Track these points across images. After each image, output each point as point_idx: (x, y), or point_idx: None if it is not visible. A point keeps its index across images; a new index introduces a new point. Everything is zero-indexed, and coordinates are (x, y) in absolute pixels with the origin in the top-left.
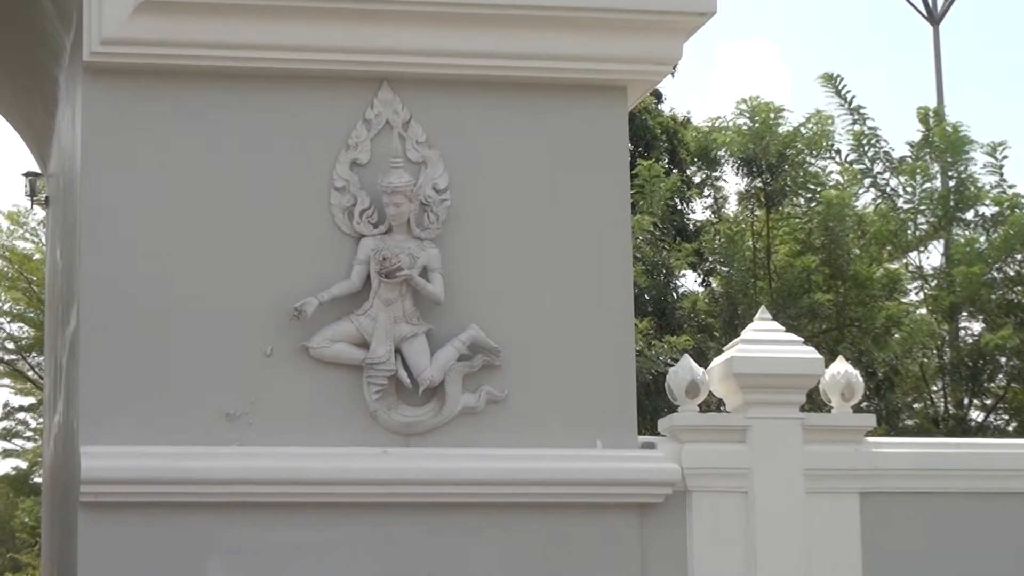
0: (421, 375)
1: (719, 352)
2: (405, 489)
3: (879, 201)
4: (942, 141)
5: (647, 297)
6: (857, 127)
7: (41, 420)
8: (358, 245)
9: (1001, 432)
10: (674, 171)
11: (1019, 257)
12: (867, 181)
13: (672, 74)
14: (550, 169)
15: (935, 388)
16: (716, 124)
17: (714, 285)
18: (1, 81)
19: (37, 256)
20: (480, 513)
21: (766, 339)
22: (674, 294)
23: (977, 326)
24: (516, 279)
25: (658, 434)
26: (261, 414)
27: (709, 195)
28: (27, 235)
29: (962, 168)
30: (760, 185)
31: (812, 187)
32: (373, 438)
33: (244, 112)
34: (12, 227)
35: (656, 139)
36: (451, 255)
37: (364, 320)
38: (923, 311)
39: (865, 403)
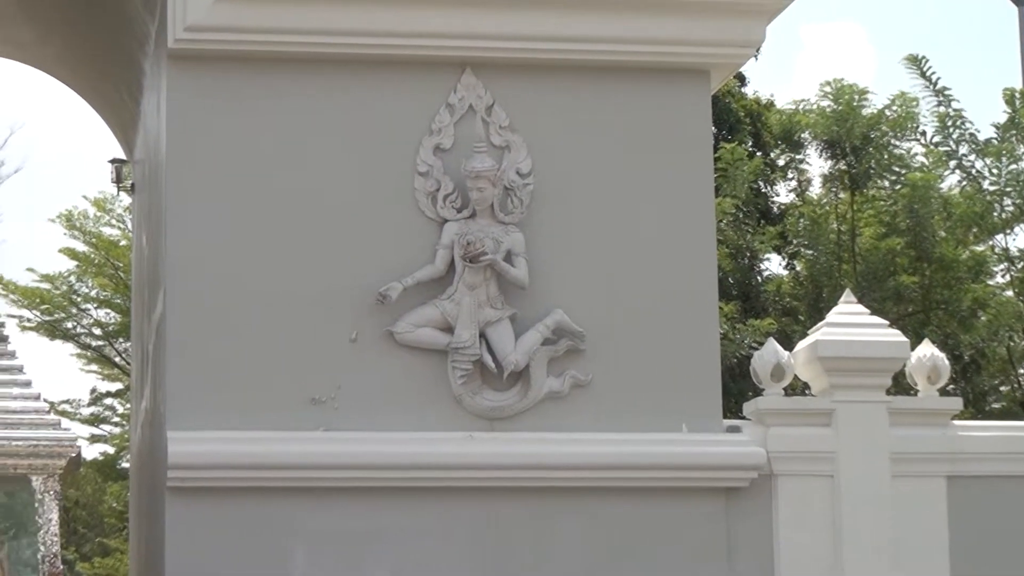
0: (506, 359)
1: (804, 335)
2: (490, 474)
3: (964, 183)
4: None
5: (731, 280)
6: (942, 109)
7: (128, 406)
8: (442, 230)
9: None
10: (758, 154)
11: None
12: (952, 163)
13: (755, 57)
14: (633, 153)
15: (1022, 371)
16: (800, 107)
17: (798, 268)
18: (87, 69)
19: (123, 242)
20: (565, 498)
21: (851, 322)
22: (758, 277)
23: None
24: (600, 263)
25: (743, 418)
26: (346, 399)
27: (793, 178)
28: (113, 221)
29: None
30: (844, 167)
31: (897, 169)
32: (458, 423)
33: (328, 98)
34: (98, 214)
35: (740, 122)
36: (535, 239)
37: (448, 305)
38: (1009, 293)
39: (951, 386)
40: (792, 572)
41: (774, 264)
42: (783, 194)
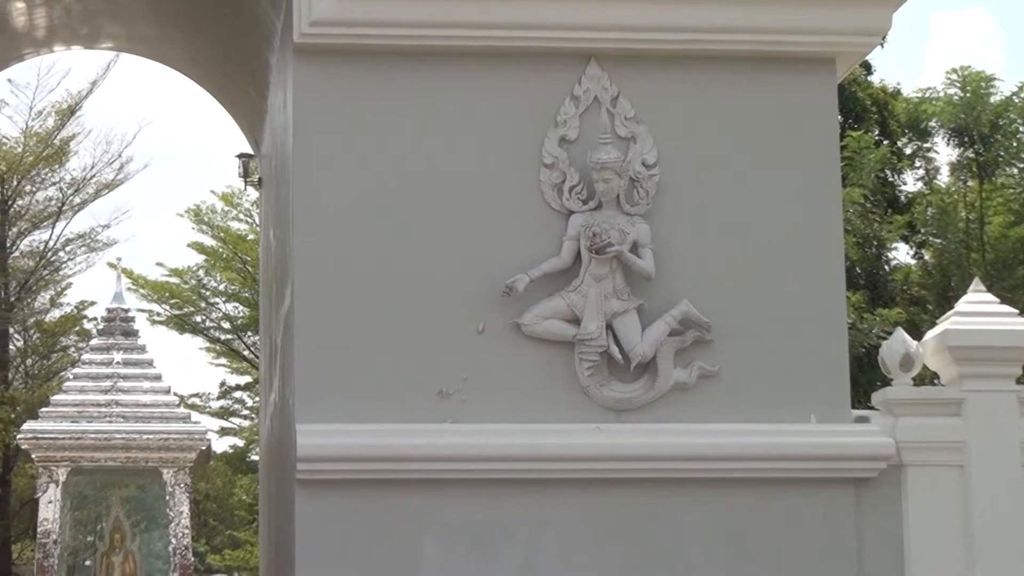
0: (633, 351)
1: (932, 325)
2: (618, 465)
3: None
4: None
5: (858, 270)
6: None
7: (257, 399)
8: (568, 221)
9: None
10: (884, 143)
11: None
12: None
13: (881, 45)
14: (759, 143)
15: None
16: (926, 95)
17: (926, 257)
18: (214, 65)
19: (251, 236)
20: (693, 489)
21: (980, 311)
22: (886, 267)
23: None
24: (726, 253)
25: (872, 408)
26: (474, 391)
27: (920, 166)
28: (241, 216)
29: None
30: (972, 156)
31: None
32: (585, 414)
33: (453, 91)
34: (226, 208)
35: (866, 111)
36: (661, 230)
37: (575, 296)
38: None
39: None
40: (922, 562)
41: (902, 253)
42: (910, 183)
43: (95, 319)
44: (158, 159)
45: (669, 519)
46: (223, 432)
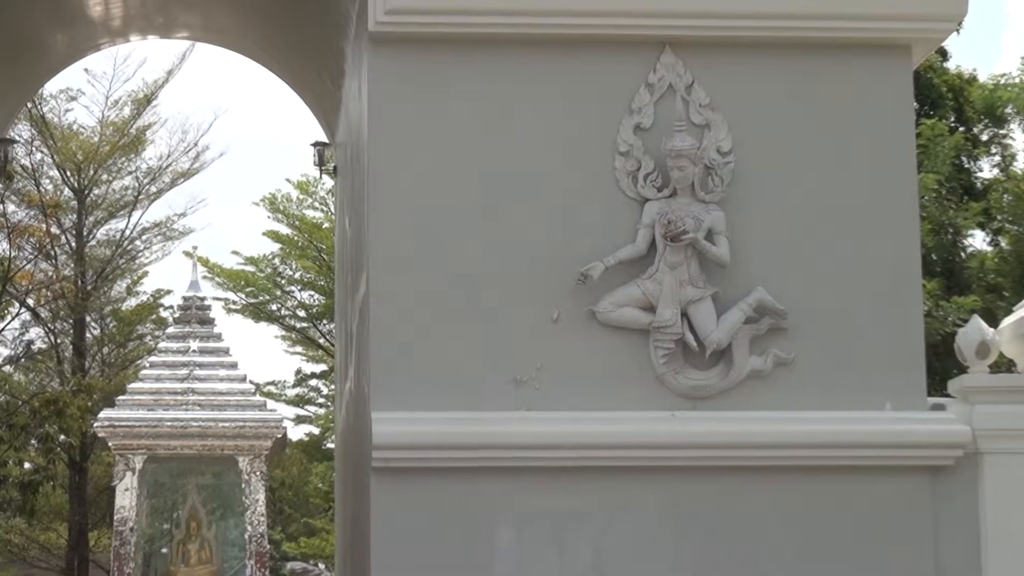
0: (708, 338)
1: (1009, 312)
2: (693, 453)
3: None
4: None
5: (934, 257)
6: None
7: (333, 386)
8: (643, 209)
9: None
10: (960, 129)
11: None
12: None
13: (957, 31)
14: (834, 129)
15: None
16: (1002, 81)
17: (1003, 244)
18: (289, 53)
19: (326, 225)
20: (768, 476)
21: None
22: (962, 254)
23: None
24: (802, 240)
25: (948, 396)
26: (548, 379)
27: (996, 153)
28: (316, 204)
29: None
30: None
31: None
32: (660, 402)
33: (527, 78)
34: (301, 197)
35: (941, 97)
36: (736, 217)
37: (650, 284)
38: None
39: None
40: (999, 550)
41: (978, 240)
42: (986, 169)
43: (171, 307)
44: (234, 148)
45: (744, 507)
46: (299, 420)
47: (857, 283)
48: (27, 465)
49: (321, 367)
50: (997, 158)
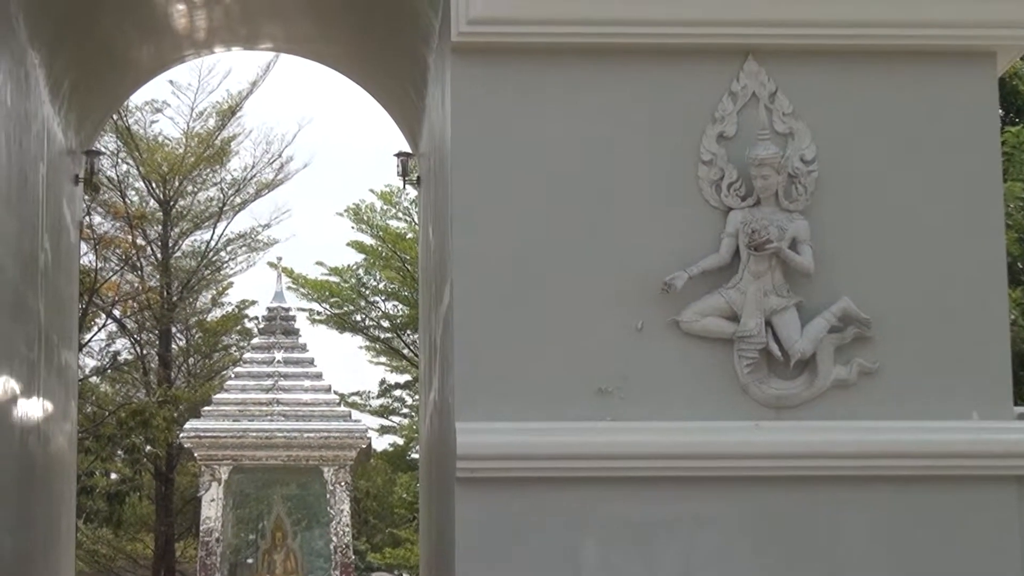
0: (792, 348)
1: None
2: (778, 463)
3: None
4: None
5: (1020, 266)
6: None
7: (417, 397)
8: (726, 218)
9: None
10: None
11: None
12: None
13: None
14: (918, 137)
15: None
16: None
17: None
18: (372, 64)
19: (410, 235)
20: (854, 486)
21: None
22: None
23: None
24: (886, 249)
25: None
26: (633, 389)
27: None
28: (400, 214)
29: None
30: None
31: None
32: (744, 411)
33: (610, 88)
34: (385, 207)
35: None
36: (820, 226)
37: (734, 293)
38: None
39: None
40: None
41: None
42: None
43: (256, 318)
44: (318, 158)
45: (829, 517)
46: (383, 430)
47: (942, 292)
48: (114, 476)
49: (405, 377)
50: None
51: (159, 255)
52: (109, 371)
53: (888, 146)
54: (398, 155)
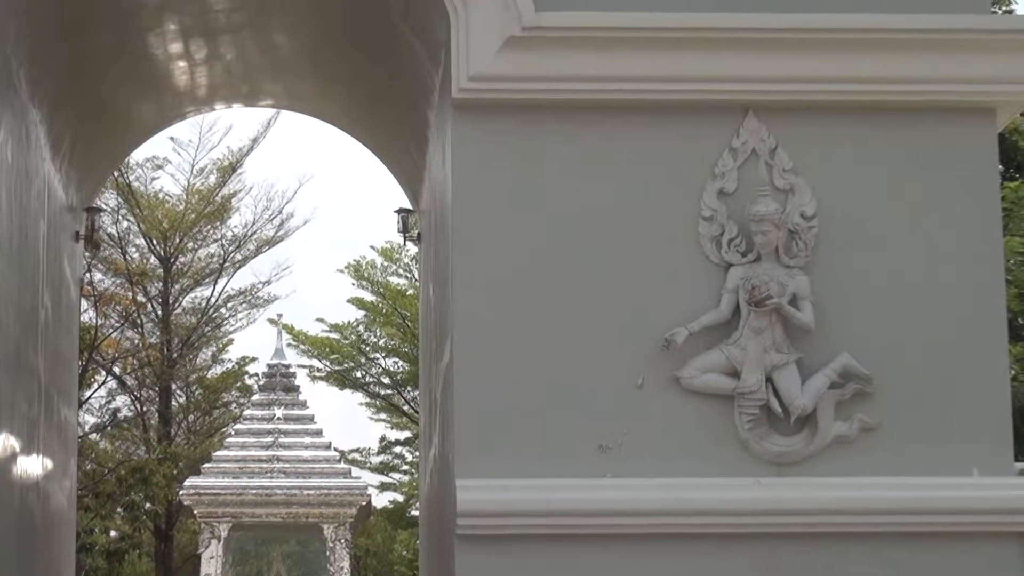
0: (793, 404)
1: None
2: (779, 519)
3: None
4: None
5: (1020, 321)
6: None
7: (417, 454)
8: (727, 274)
9: None
10: None
11: None
12: None
13: None
14: (918, 193)
15: None
16: None
17: None
18: (372, 120)
19: (411, 291)
20: (854, 543)
21: None
22: None
23: None
24: (886, 305)
25: None
26: (633, 445)
27: None
28: (400, 271)
29: None
30: None
31: None
32: (745, 468)
33: (612, 144)
34: (386, 263)
35: None
36: (820, 282)
37: (734, 349)
38: None
39: None
40: None
41: None
42: None
43: (256, 375)
44: (318, 215)
45: (831, 573)
46: (383, 487)
47: (942, 347)
48: (113, 533)
49: (405, 434)
50: None
51: (159, 312)
52: (109, 428)
53: (888, 202)
54: (399, 211)
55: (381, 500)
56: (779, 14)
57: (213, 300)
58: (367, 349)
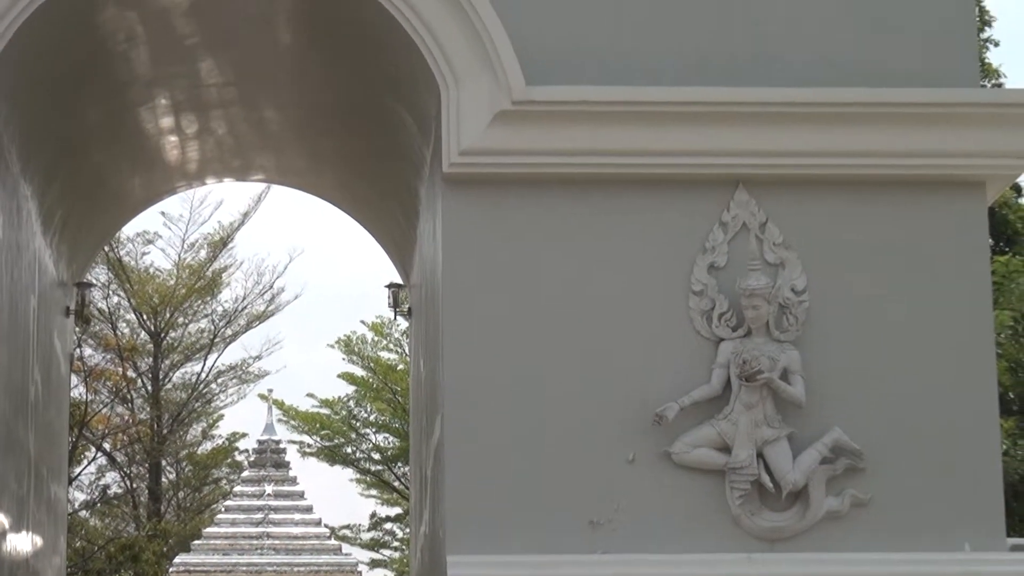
0: (784, 479)
1: None
2: None
3: None
4: None
5: (1011, 395)
6: None
7: (408, 530)
8: (717, 348)
9: None
10: None
11: None
12: None
13: None
14: (908, 266)
15: None
16: None
17: None
18: (365, 195)
19: (401, 367)
20: None
21: None
22: None
23: None
24: (877, 379)
25: None
26: (625, 521)
27: None
28: (391, 346)
29: None
30: None
31: None
32: (737, 544)
33: (602, 218)
34: (376, 338)
35: (1017, 233)
36: (811, 356)
37: (725, 424)
38: None
39: None
40: None
41: None
42: None
43: (246, 451)
44: (309, 289)
45: None
46: (374, 564)
47: (934, 422)
48: None
49: (396, 510)
50: None
51: (150, 387)
52: (99, 505)
53: (878, 275)
54: (389, 286)
55: None
56: (768, 88)
57: (203, 375)
58: (358, 424)
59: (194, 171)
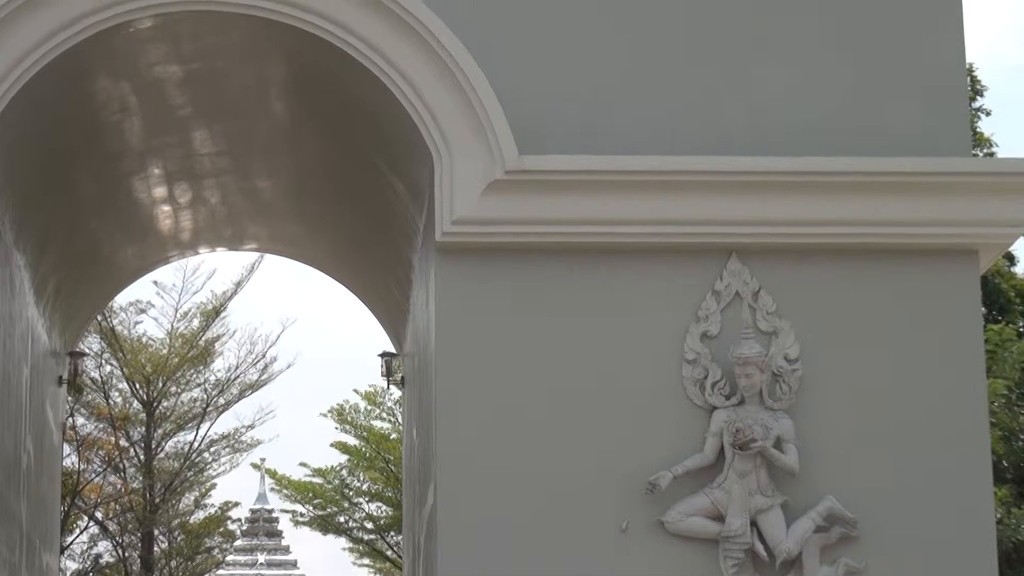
0: (778, 548)
1: None
2: None
3: None
4: None
5: (1005, 464)
6: None
7: None
8: (711, 417)
9: None
10: None
11: None
12: None
13: None
14: (901, 336)
15: None
16: None
17: None
18: (358, 264)
19: (394, 436)
20: None
21: None
22: None
23: None
24: (871, 447)
25: None
26: None
27: None
28: (384, 415)
29: None
30: None
31: None
32: None
33: (595, 287)
34: (369, 407)
35: (1010, 302)
36: (804, 425)
37: (719, 493)
38: None
39: None
40: None
41: None
42: None
43: (239, 520)
44: (301, 358)
45: None
46: None
47: (927, 490)
48: None
49: None
50: None
51: (142, 456)
52: (91, 574)
53: (871, 344)
54: (382, 355)
55: None
56: (761, 157)
57: (196, 444)
58: (350, 494)
59: (187, 240)
